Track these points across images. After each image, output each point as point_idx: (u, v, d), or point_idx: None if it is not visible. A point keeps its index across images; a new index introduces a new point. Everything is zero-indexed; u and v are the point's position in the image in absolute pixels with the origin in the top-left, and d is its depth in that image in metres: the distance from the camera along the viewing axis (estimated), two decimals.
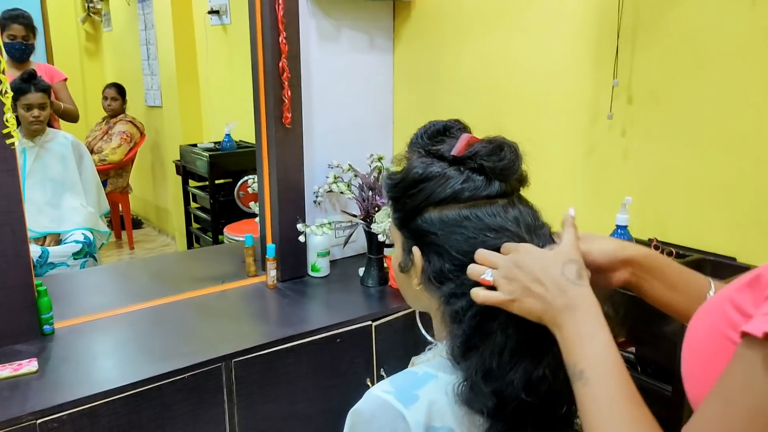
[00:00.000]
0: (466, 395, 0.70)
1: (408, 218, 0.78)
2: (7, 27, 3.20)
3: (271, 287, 2.03)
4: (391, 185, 0.79)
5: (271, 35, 1.90)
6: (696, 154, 1.49)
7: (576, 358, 0.64)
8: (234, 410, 1.60)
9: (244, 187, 3.23)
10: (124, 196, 4.42)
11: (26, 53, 3.32)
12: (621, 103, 1.61)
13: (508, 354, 0.70)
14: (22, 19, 3.26)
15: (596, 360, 0.63)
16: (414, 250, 0.78)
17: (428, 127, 0.80)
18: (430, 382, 0.73)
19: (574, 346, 0.64)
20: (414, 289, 0.80)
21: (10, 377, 1.43)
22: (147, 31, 4.52)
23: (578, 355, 0.64)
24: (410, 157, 0.79)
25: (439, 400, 0.72)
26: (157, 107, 4.57)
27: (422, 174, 0.76)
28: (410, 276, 0.80)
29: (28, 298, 1.61)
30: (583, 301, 0.66)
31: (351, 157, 2.18)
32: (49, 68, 3.63)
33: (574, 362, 0.64)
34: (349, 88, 2.23)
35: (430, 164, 0.76)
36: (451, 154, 0.76)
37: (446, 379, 0.73)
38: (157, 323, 1.77)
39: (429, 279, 0.77)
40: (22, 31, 3.25)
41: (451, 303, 0.74)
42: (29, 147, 2.84)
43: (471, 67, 2.04)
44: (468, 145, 0.75)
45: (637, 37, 1.56)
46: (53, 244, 2.80)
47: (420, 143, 0.79)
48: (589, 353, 0.63)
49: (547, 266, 0.68)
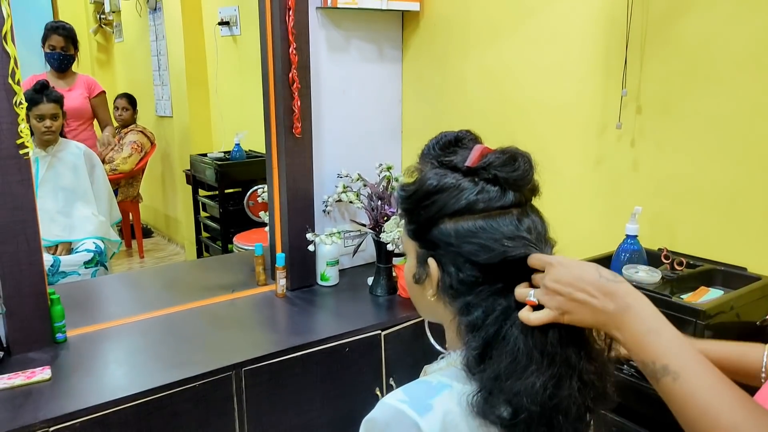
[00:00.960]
0: (481, 406, 0.70)
1: (422, 230, 0.78)
2: (48, 38, 3.39)
3: (280, 296, 2.04)
4: (404, 197, 0.79)
5: (282, 46, 1.92)
6: (706, 164, 1.49)
7: (654, 355, 0.63)
8: (243, 419, 1.60)
9: (253, 197, 3.25)
10: (134, 205, 4.45)
11: (65, 63, 3.53)
12: (630, 113, 1.62)
13: (524, 364, 0.70)
14: (62, 30, 3.49)
15: (677, 353, 0.62)
16: (430, 261, 0.78)
17: (440, 138, 0.81)
18: (444, 392, 0.73)
19: (646, 344, 0.64)
20: (428, 300, 0.80)
21: (23, 385, 1.44)
22: (158, 41, 4.56)
23: (655, 352, 0.63)
24: (422, 169, 0.79)
25: (454, 410, 0.72)
26: (168, 117, 4.61)
27: (436, 185, 0.76)
28: (425, 287, 0.80)
29: (41, 306, 1.63)
30: (633, 298, 0.66)
31: (360, 167, 2.19)
32: (90, 80, 3.74)
33: (652, 359, 0.63)
34: (358, 98, 2.24)
35: (444, 175, 0.77)
36: (465, 165, 0.76)
37: (461, 389, 0.73)
38: (167, 332, 1.78)
39: (444, 290, 0.77)
40: (61, 42, 3.47)
41: (467, 313, 0.74)
42: (42, 156, 2.87)
43: (479, 77, 2.05)
44: (482, 156, 0.75)
45: (645, 47, 1.56)
46: (65, 252, 2.82)
47: (432, 154, 0.80)
48: (666, 348, 0.63)
49: (583, 273, 0.69)
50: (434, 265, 0.78)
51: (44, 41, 3.44)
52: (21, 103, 1.59)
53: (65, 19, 5.16)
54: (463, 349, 0.75)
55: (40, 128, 2.83)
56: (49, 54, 3.41)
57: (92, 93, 3.65)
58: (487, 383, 0.70)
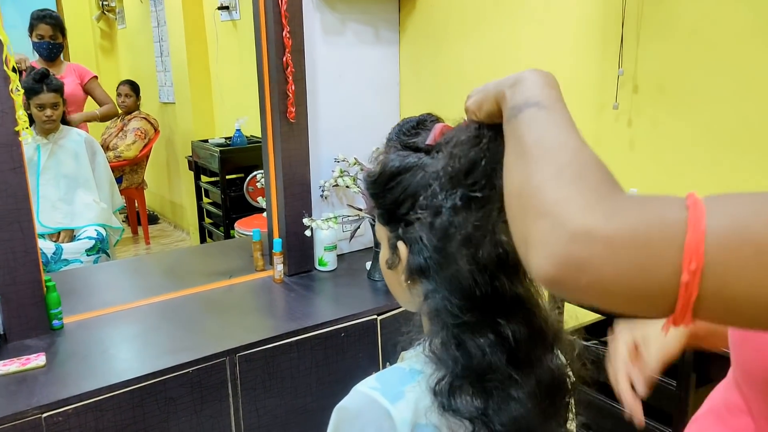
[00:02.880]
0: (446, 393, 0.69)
1: (391, 213, 0.78)
2: (36, 27, 3.36)
3: (278, 281, 2.04)
4: (369, 182, 0.79)
5: (275, 30, 1.90)
6: (703, 144, 1.46)
7: (534, 95, 0.57)
8: (239, 404, 1.61)
9: (253, 182, 3.25)
10: (139, 192, 4.46)
11: (54, 52, 3.47)
12: (627, 93, 1.59)
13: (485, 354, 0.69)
14: (50, 19, 3.43)
15: (558, 101, 0.57)
16: (399, 245, 0.77)
17: (402, 124, 0.81)
18: (417, 378, 0.72)
19: (534, 87, 0.58)
20: (402, 287, 0.79)
21: (18, 371, 1.45)
22: (159, 28, 4.55)
23: (538, 94, 0.57)
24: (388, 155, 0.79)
25: (426, 397, 0.71)
26: (171, 103, 4.61)
27: (399, 166, 0.76)
28: (397, 272, 0.79)
29: (37, 293, 1.63)
30: (530, 72, 0.60)
31: (357, 151, 2.18)
32: (79, 67, 3.72)
33: (527, 98, 0.57)
34: (354, 82, 2.22)
35: (406, 156, 0.76)
36: (425, 144, 0.75)
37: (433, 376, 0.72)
38: (164, 318, 1.78)
39: (413, 273, 0.76)
40: (49, 30, 3.41)
41: (431, 298, 0.73)
42: (43, 144, 2.87)
43: (476, 59, 2.02)
44: (441, 134, 0.75)
45: (642, 25, 1.53)
46: (67, 240, 2.84)
47: (395, 139, 0.79)
48: (551, 95, 0.57)
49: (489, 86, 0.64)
50: (404, 249, 0.77)
51: (31, 30, 3.38)
52: (17, 90, 1.58)
53: (69, 6, 5.17)
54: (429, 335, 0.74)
55: (41, 117, 2.84)
56: (38, 43, 3.35)
57: (84, 79, 3.64)
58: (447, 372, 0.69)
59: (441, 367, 0.70)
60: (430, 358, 0.71)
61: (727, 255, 0.41)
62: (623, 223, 0.43)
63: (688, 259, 0.41)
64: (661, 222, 0.43)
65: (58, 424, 1.35)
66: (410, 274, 0.76)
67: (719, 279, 0.41)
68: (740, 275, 0.41)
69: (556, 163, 0.49)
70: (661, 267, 0.42)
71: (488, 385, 0.69)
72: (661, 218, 0.43)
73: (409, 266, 0.76)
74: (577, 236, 0.44)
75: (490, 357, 0.68)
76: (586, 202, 0.45)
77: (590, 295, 0.44)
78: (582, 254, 0.43)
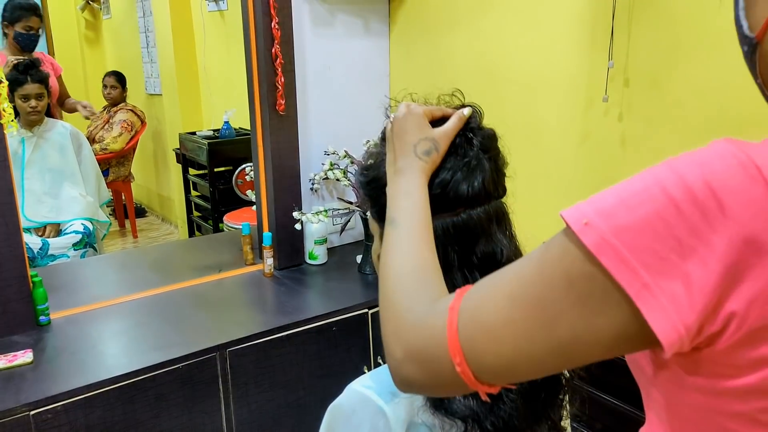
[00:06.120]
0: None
1: (384, 210, 0.77)
2: (25, 18, 3.26)
3: (268, 275, 2.03)
4: (364, 183, 0.79)
5: (264, 20, 1.88)
6: (696, 139, 1.46)
7: (393, 210, 0.72)
8: (229, 399, 1.60)
9: (242, 175, 3.23)
10: (126, 185, 4.42)
11: (36, 43, 3.40)
12: (617, 86, 1.58)
13: None
14: (39, 10, 3.36)
15: (410, 212, 0.71)
16: None
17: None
18: None
19: (394, 199, 0.73)
20: None
21: (4, 369, 1.43)
22: (145, 18, 4.49)
23: (396, 207, 0.72)
24: (382, 151, 0.78)
25: (421, 395, 0.70)
26: (158, 95, 4.56)
27: None
28: None
29: (23, 289, 1.61)
30: (411, 169, 0.73)
31: (347, 144, 2.16)
32: (52, 60, 3.65)
33: (391, 214, 0.72)
34: (344, 74, 2.20)
35: None
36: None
37: None
38: (153, 313, 1.77)
39: None
40: (38, 22, 3.34)
41: None
42: (28, 137, 2.84)
43: (466, 51, 2.01)
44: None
45: (633, 16, 1.52)
46: (53, 234, 2.80)
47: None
48: (405, 206, 0.72)
49: (409, 131, 0.76)
50: None
51: (15, 21, 3.29)
52: (1, 82, 1.56)
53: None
54: None
55: (25, 108, 2.80)
56: (25, 35, 3.25)
57: (57, 72, 3.58)
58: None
59: None
60: None
61: (473, 341, 0.53)
62: (413, 347, 0.56)
63: (453, 354, 0.53)
64: (431, 335, 0.55)
65: (47, 422, 1.33)
66: None
67: (479, 358, 0.53)
68: (487, 350, 0.52)
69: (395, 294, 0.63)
70: (444, 367, 0.54)
71: None
72: (431, 331, 0.55)
73: None
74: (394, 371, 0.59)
75: None
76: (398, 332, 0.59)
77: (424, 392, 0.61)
78: (400, 376, 0.58)
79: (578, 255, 0.49)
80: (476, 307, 0.53)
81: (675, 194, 0.47)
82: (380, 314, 0.64)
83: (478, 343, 0.52)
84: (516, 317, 0.51)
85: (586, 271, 0.48)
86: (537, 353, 0.50)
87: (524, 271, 0.53)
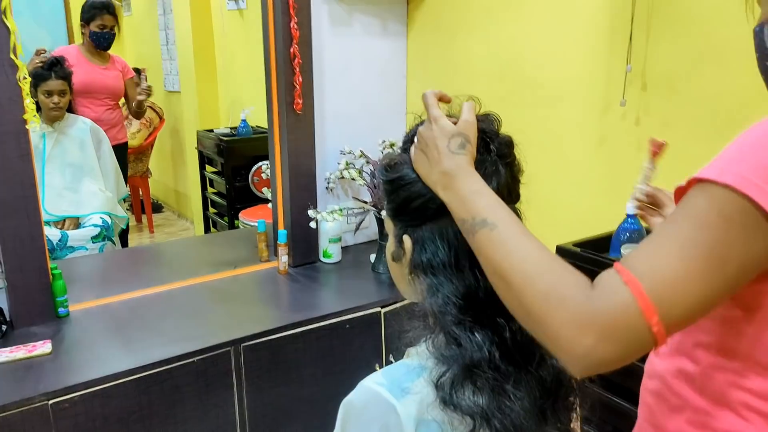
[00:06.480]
0: (447, 389, 0.70)
1: (400, 209, 0.78)
2: (99, 17, 3.35)
3: (282, 273, 2.05)
4: (385, 180, 0.80)
5: (283, 20, 1.90)
6: (713, 144, 1.45)
7: (474, 211, 0.70)
8: (243, 394, 1.62)
9: (258, 173, 3.25)
10: (144, 180, 4.47)
11: (110, 41, 3.48)
12: (635, 90, 1.58)
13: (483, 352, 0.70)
14: (112, 8, 3.45)
15: (495, 208, 0.70)
16: (404, 238, 0.78)
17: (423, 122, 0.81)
18: (423, 375, 0.73)
19: (468, 202, 0.71)
20: (406, 280, 0.80)
21: (24, 358, 1.46)
22: (166, 15, 4.54)
23: (476, 208, 0.70)
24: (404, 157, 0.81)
25: (431, 392, 0.71)
26: (176, 92, 4.60)
27: (416, 177, 0.77)
28: (402, 265, 0.80)
29: (43, 281, 1.64)
30: (460, 168, 0.73)
31: (363, 144, 2.18)
32: (123, 62, 3.70)
33: (472, 216, 0.70)
34: (361, 74, 2.21)
35: None
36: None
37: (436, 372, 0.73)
38: (169, 307, 1.79)
39: (416, 267, 0.77)
40: (112, 21, 3.42)
41: (433, 295, 0.74)
42: (49, 132, 2.88)
43: (484, 53, 2.01)
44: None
45: (651, 21, 1.52)
46: (72, 227, 2.84)
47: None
48: (486, 204, 0.70)
49: (438, 137, 0.75)
50: (409, 243, 0.78)
51: (90, 20, 3.39)
52: (24, 78, 1.59)
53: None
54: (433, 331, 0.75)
55: (47, 104, 2.84)
56: (99, 33, 3.36)
57: (126, 75, 3.64)
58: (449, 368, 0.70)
59: (443, 363, 0.71)
60: (433, 354, 0.72)
61: (663, 301, 0.58)
62: (608, 327, 0.58)
63: (649, 318, 0.57)
64: (623, 310, 0.58)
65: (65, 411, 1.36)
66: (414, 268, 0.77)
67: (669, 313, 0.58)
68: (675, 304, 0.58)
69: (540, 292, 0.63)
70: (640, 334, 0.58)
71: (489, 383, 0.70)
72: (623, 306, 0.58)
73: (413, 261, 0.77)
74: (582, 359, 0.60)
75: (489, 355, 0.70)
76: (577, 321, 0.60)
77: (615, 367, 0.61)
78: (594, 360, 0.60)
79: (725, 196, 0.58)
80: (653, 274, 0.58)
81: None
82: (528, 316, 0.64)
83: (667, 302, 0.58)
84: (691, 267, 0.58)
85: (737, 206, 0.57)
86: (715, 292, 0.58)
87: (680, 232, 0.60)
